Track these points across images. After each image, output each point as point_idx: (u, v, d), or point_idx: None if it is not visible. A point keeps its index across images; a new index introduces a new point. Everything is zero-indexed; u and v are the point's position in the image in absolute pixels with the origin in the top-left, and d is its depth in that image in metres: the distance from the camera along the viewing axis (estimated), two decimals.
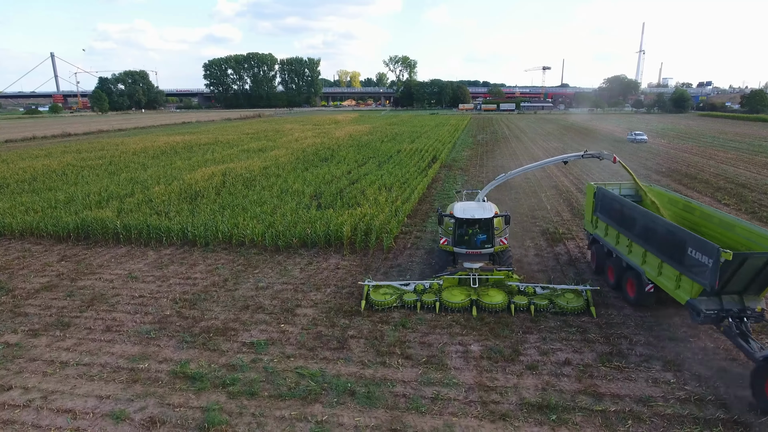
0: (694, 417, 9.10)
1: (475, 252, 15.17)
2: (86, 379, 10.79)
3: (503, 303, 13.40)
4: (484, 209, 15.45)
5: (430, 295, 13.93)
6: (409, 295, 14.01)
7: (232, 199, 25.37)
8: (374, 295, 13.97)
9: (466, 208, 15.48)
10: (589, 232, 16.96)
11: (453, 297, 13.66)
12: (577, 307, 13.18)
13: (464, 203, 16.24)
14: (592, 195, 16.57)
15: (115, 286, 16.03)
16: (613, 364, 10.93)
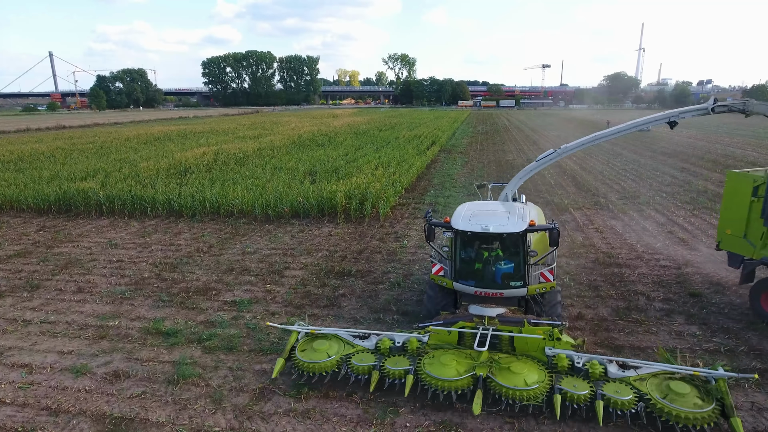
0: (726, 367, 8.05)
1: (491, 293, 8.61)
2: (49, 336, 9.76)
3: (539, 391, 6.93)
4: (510, 216, 8.75)
5: (401, 360, 7.72)
6: (363, 356, 7.88)
7: (222, 175, 24.32)
8: (304, 353, 7.96)
9: (476, 213, 8.87)
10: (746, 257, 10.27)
11: (442, 369, 7.28)
12: (699, 416, 6.29)
13: (474, 204, 9.65)
14: (750, 190, 9.80)
15: (92, 253, 14.99)
16: (630, 317, 9.91)
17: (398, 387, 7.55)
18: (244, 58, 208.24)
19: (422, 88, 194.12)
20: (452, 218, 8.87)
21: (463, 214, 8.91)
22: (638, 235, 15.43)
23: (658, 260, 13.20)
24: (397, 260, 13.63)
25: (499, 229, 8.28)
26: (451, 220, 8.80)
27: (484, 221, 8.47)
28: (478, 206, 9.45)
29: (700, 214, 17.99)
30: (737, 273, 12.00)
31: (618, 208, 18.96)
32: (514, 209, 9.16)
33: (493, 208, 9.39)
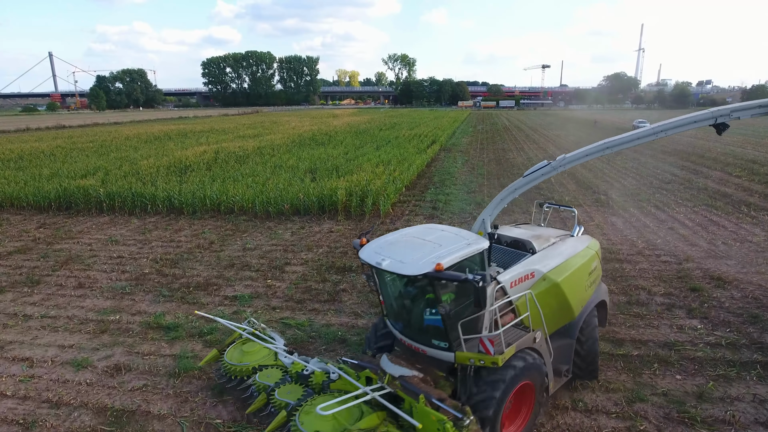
0: (728, 360, 8.07)
1: (415, 346, 6.46)
2: (50, 330, 9.75)
3: None
4: (428, 252, 5.92)
5: (295, 391, 6.66)
6: (271, 372, 7.13)
7: (223, 172, 24.32)
8: (232, 351, 7.65)
9: (395, 241, 6.48)
10: None
11: (313, 421, 5.79)
12: None
13: (415, 229, 6.94)
14: None
15: (93, 249, 14.98)
16: (632, 311, 9.91)
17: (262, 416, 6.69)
18: (244, 58, 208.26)
19: (422, 88, 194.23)
20: (371, 240, 6.61)
21: (386, 238, 6.55)
22: (639, 232, 15.43)
23: (658, 256, 13.20)
24: None
25: (393, 266, 5.72)
26: (369, 242, 6.57)
27: (388, 252, 6.01)
28: (415, 232, 6.73)
29: (701, 211, 18.00)
30: (738, 268, 12.10)
31: (618, 205, 18.97)
32: (450, 243, 6.09)
33: (431, 236, 6.40)
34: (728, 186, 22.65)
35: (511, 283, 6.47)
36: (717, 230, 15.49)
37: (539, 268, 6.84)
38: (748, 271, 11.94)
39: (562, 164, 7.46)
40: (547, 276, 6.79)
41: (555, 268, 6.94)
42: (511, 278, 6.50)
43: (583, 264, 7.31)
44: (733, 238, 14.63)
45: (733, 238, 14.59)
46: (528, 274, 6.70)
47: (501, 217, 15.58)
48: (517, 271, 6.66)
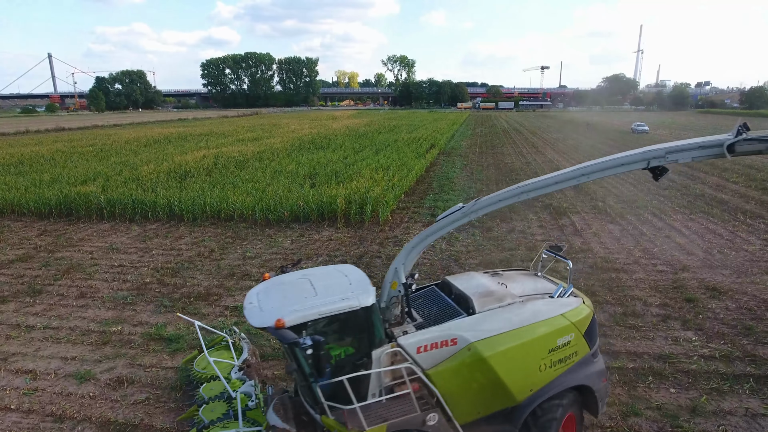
0: (721, 373, 8.20)
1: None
2: (52, 342, 9.87)
3: None
4: (291, 301, 5.22)
5: (218, 409, 6.89)
6: (215, 386, 7.37)
7: (222, 178, 24.44)
8: (203, 361, 7.92)
9: (279, 283, 5.78)
10: None
11: None
12: None
13: (317, 270, 6.23)
14: None
15: (94, 257, 15.09)
16: (627, 323, 10.04)
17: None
18: (243, 59, 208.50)
19: (421, 89, 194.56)
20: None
21: (282, 278, 5.94)
22: (636, 240, 15.57)
23: (655, 265, 13.33)
24: None
25: (249, 313, 5.19)
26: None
27: (265, 295, 5.48)
28: (318, 273, 5.99)
29: (697, 218, 18.14)
30: (733, 278, 12.24)
31: (616, 212, 19.11)
32: (330, 294, 5.30)
33: (325, 281, 5.66)
34: (725, 192, 22.81)
35: (419, 347, 5.47)
36: (713, 238, 15.63)
37: (465, 335, 5.61)
38: (743, 281, 12.08)
39: (474, 210, 5.91)
40: (474, 347, 5.52)
41: (488, 338, 5.61)
42: (419, 342, 5.50)
43: (540, 338, 5.79)
44: (729, 246, 14.78)
45: (728, 247, 14.73)
46: (447, 341, 5.57)
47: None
48: (430, 335, 5.57)
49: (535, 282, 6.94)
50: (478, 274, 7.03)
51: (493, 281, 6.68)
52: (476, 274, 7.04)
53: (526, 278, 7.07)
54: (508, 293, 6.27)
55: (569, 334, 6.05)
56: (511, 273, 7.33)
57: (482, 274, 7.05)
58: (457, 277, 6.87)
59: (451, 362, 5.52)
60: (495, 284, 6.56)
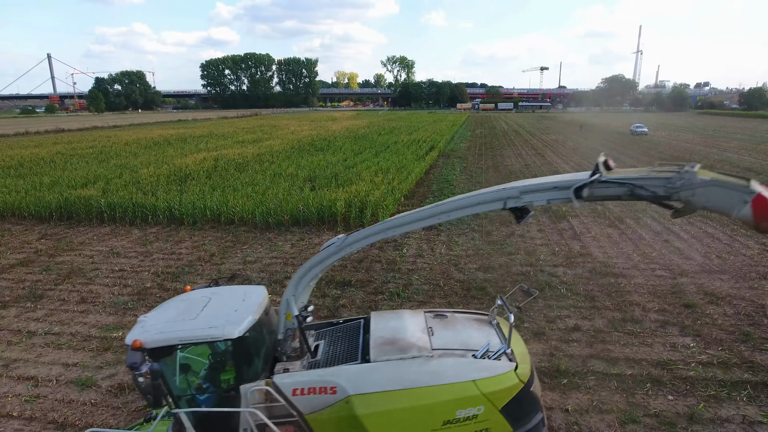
0: (719, 380, 8.25)
1: None
2: (53, 348, 9.91)
3: None
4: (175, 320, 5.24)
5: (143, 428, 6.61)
6: None
7: (222, 181, 24.49)
8: None
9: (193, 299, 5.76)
10: None
11: None
12: None
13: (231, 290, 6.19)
14: None
15: (95, 261, 15.12)
16: (626, 329, 10.09)
17: None
18: (243, 60, 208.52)
19: (421, 90, 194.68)
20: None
21: (186, 295, 5.92)
22: (635, 244, 15.63)
23: (653, 270, 13.39)
24: (396, 269, 13.79)
25: (133, 329, 5.17)
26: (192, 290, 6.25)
27: (156, 311, 5.54)
28: (219, 294, 5.83)
29: (696, 222, 18.20)
30: (731, 283, 12.30)
31: (615, 216, 19.17)
32: (201, 320, 5.15)
33: (212, 304, 5.52)
34: None
35: (295, 389, 5.07)
36: (712, 243, 15.69)
37: (345, 385, 4.98)
38: (741, 286, 12.14)
39: (346, 245, 5.55)
40: (351, 401, 4.93)
41: (368, 394, 4.94)
42: (296, 383, 5.10)
43: (433, 405, 4.95)
44: (728, 251, 14.83)
45: (727, 251, 14.79)
46: (326, 387, 5.02)
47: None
48: (309, 378, 5.13)
49: (476, 333, 5.78)
50: (412, 313, 6.21)
51: (421, 326, 5.79)
52: (410, 313, 6.21)
53: (469, 326, 5.95)
54: (415, 344, 5.31)
55: (477, 406, 4.95)
56: (459, 317, 6.22)
57: (419, 313, 6.22)
58: (382, 314, 6.14)
59: (331, 413, 4.96)
60: (417, 330, 5.66)
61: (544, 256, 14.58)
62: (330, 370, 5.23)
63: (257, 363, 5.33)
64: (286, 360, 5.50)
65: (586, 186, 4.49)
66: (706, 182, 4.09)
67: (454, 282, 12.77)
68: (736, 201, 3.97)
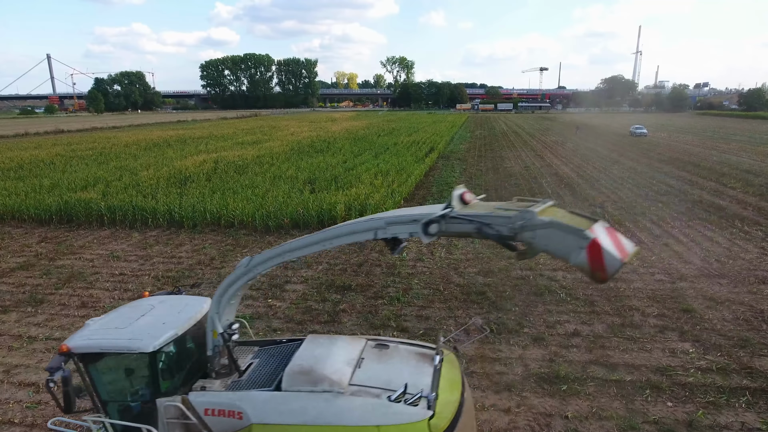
0: (718, 386, 8.28)
1: None
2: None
3: None
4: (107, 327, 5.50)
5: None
6: None
7: (222, 183, 24.52)
8: None
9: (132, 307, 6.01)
10: None
11: None
12: None
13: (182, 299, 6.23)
14: None
15: (95, 265, 15.14)
16: (625, 334, 10.12)
17: None
18: (243, 60, 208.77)
19: (420, 91, 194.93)
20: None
21: (138, 302, 6.10)
22: None
23: (653, 274, 13.42)
24: (396, 273, 13.82)
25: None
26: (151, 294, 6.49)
27: (105, 318, 5.78)
28: (162, 302, 6.00)
29: (695, 225, 18.24)
30: (730, 288, 12.34)
31: (614, 219, 19.19)
32: (131, 330, 5.24)
33: (151, 313, 5.63)
34: (723, 198, 22.92)
35: (207, 409, 4.98)
36: (711, 246, 15.73)
37: (250, 413, 4.85)
38: (740, 290, 12.18)
39: (251, 268, 5.40)
40: (253, 429, 4.84)
41: (269, 425, 4.81)
42: (208, 403, 5.03)
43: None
44: (727, 255, 14.87)
45: (726, 255, 14.82)
46: (234, 412, 4.90)
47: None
48: (220, 400, 5.03)
49: (409, 370, 5.23)
50: (350, 340, 5.81)
51: (351, 355, 5.39)
52: (348, 340, 5.81)
53: (405, 361, 5.39)
54: (330, 377, 4.93)
55: None
56: (401, 349, 5.67)
57: (359, 341, 5.79)
58: (318, 339, 5.82)
59: None
60: (344, 360, 5.26)
61: (544, 260, 14.59)
62: (240, 395, 5.07)
63: (177, 377, 5.36)
64: (216, 377, 5.44)
65: (435, 222, 4.28)
66: (545, 224, 3.86)
67: (454, 286, 12.81)
68: (573, 246, 3.73)
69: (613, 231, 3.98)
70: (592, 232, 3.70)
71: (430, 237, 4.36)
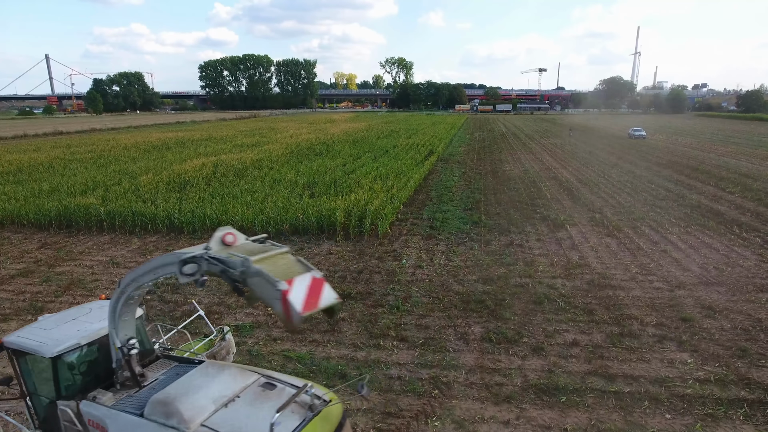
0: (716, 398, 8.33)
1: None
2: None
3: None
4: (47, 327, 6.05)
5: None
6: None
7: (222, 188, 24.53)
8: None
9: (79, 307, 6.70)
10: None
11: None
12: None
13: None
14: None
15: (95, 272, 15.15)
16: (624, 344, 10.17)
17: None
18: (242, 61, 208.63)
19: (419, 91, 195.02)
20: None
21: (89, 304, 6.59)
22: (633, 255, 15.71)
23: (651, 282, 13.47)
24: (395, 281, 13.84)
25: None
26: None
27: (58, 315, 6.37)
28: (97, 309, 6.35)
29: (693, 231, 18.30)
30: (728, 296, 12.39)
31: (613, 225, 19.25)
32: (64, 328, 5.79)
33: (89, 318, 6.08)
34: (721, 203, 22.99)
35: (89, 419, 5.33)
36: (709, 253, 15.78)
37: (111, 431, 5.13)
38: (738, 299, 12.23)
39: (123, 288, 5.35)
40: None
41: None
42: (89, 413, 5.37)
43: None
44: (725, 262, 14.93)
45: (724, 262, 14.88)
46: (104, 428, 5.19)
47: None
48: (98, 413, 5.30)
49: (268, 417, 4.71)
50: (241, 373, 5.61)
51: (227, 392, 5.18)
52: (239, 373, 5.61)
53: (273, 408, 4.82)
54: (184, 414, 4.77)
55: None
56: (285, 393, 5.30)
57: (249, 376, 5.59)
58: (210, 366, 5.73)
59: None
60: (214, 396, 5.08)
61: (543, 267, 14.66)
62: (112, 412, 5.17)
63: (79, 382, 5.63)
64: (120, 388, 5.54)
65: (190, 261, 4.34)
66: (256, 272, 3.92)
67: (454, 294, 12.84)
68: (273, 296, 3.84)
69: (319, 283, 4.12)
70: (286, 284, 3.84)
71: (187, 278, 4.40)
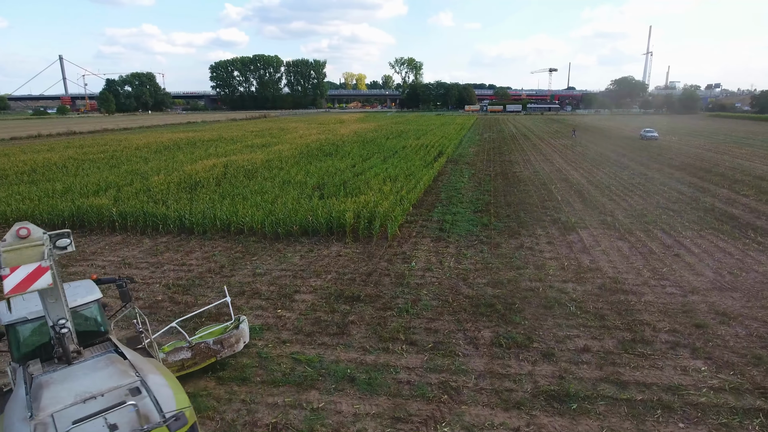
0: (730, 407, 8.19)
1: None
2: None
3: None
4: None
5: None
6: None
7: (232, 189, 24.66)
8: None
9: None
10: None
11: None
12: None
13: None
14: None
15: (107, 273, 15.29)
16: (636, 350, 10.04)
17: None
18: (252, 61, 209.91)
19: (429, 92, 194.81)
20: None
21: (75, 282, 7.71)
22: (645, 259, 15.52)
23: (664, 287, 13.29)
24: (405, 284, 13.80)
25: None
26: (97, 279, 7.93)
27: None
28: (73, 288, 7.43)
29: (707, 235, 18.04)
30: (743, 302, 12.19)
31: (625, 228, 19.04)
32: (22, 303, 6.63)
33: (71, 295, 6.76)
34: (735, 207, 22.65)
35: None
36: (723, 257, 15.55)
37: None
38: (753, 305, 12.03)
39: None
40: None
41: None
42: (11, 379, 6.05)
43: None
44: (740, 267, 14.69)
45: (739, 267, 14.65)
46: None
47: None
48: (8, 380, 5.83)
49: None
50: (126, 374, 5.70)
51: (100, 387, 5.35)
52: (126, 374, 5.70)
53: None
54: (40, 399, 4.98)
55: None
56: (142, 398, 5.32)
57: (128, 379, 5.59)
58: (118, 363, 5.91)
59: None
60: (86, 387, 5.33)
61: (553, 270, 14.54)
62: (19, 382, 5.83)
63: (27, 350, 6.36)
64: (57, 361, 6.01)
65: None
66: None
67: (463, 298, 12.77)
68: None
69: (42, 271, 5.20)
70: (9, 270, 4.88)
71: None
